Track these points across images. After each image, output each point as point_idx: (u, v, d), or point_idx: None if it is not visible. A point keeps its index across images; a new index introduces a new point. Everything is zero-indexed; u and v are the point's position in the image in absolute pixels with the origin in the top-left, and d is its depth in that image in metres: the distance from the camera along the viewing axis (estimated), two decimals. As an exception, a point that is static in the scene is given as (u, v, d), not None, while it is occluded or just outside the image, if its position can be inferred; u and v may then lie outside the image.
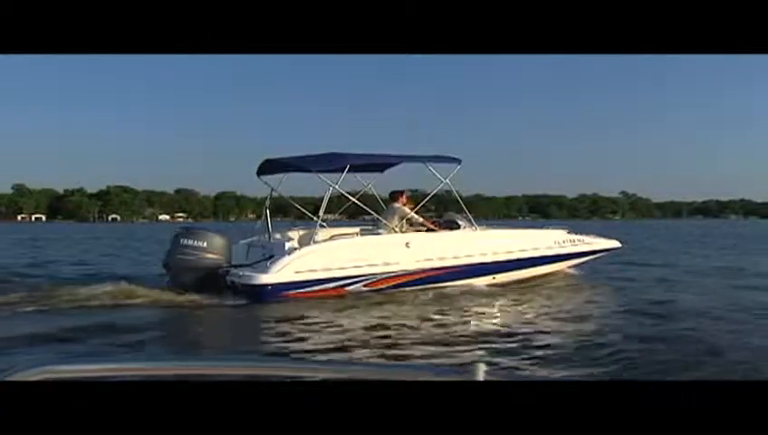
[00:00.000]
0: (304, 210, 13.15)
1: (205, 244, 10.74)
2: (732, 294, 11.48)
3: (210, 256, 10.71)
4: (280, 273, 10.43)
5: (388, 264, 11.15)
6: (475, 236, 12.35)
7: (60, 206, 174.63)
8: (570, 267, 13.95)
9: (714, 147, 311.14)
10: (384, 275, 11.13)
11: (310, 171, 11.68)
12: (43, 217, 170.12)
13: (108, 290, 10.71)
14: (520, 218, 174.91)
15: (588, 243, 13.75)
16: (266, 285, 10.36)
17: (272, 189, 12.47)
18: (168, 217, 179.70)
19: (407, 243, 11.49)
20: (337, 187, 11.72)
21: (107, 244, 35.42)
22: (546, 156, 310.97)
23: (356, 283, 10.92)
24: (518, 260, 12.58)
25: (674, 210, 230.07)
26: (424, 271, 11.48)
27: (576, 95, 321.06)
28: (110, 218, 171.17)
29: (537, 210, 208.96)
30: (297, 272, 10.51)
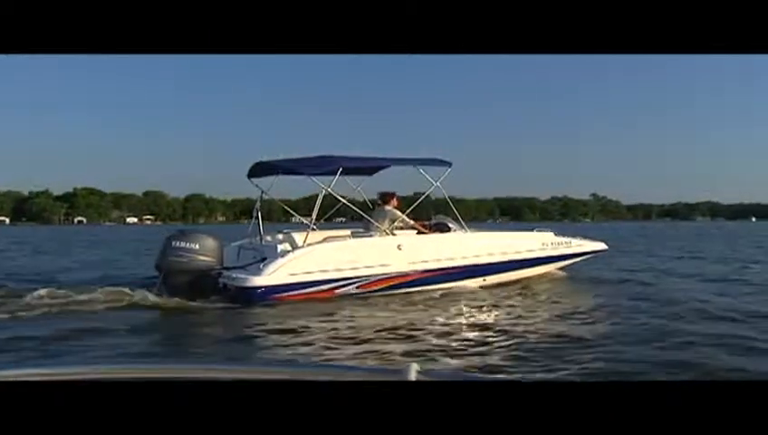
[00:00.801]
0: (295, 213, 13.22)
1: (197, 246, 10.70)
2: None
3: (202, 258, 10.68)
4: (273, 275, 10.51)
5: (380, 266, 11.27)
6: (466, 238, 12.56)
7: (24, 208, 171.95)
8: (558, 269, 14.22)
9: (682, 150, 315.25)
10: (376, 278, 11.22)
11: (302, 174, 11.75)
12: (7, 220, 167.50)
13: (99, 293, 10.67)
14: (489, 221, 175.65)
15: (575, 245, 14.04)
16: (259, 288, 10.41)
17: (262, 192, 12.51)
18: (135, 219, 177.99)
19: (398, 245, 11.62)
20: (330, 190, 11.80)
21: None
22: (517, 158, 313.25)
23: (348, 285, 11.01)
24: (508, 262, 12.81)
25: (643, 212, 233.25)
26: (415, 273, 11.62)
27: (546, 97, 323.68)
28: (76, 221, 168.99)
29: (508, 213, 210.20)
30: (290, 274, 10.58)
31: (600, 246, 14.71)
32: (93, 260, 22.67)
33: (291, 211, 13.51)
